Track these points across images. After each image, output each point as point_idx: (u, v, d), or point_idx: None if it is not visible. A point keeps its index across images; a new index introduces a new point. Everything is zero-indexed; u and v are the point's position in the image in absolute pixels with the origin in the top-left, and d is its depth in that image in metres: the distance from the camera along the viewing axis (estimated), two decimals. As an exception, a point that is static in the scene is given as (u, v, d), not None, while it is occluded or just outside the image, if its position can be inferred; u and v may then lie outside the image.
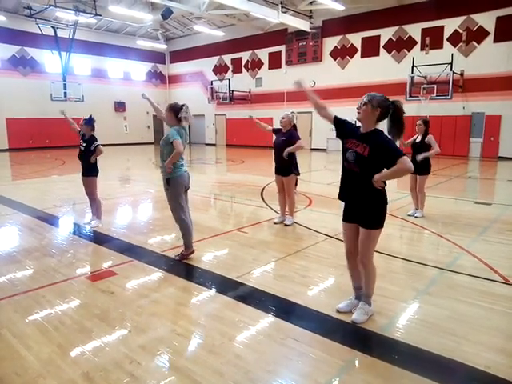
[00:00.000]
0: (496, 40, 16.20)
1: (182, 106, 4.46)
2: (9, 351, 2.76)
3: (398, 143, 2.97)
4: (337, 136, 3.20)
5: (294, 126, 8.25)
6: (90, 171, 5.98)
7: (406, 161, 2.81)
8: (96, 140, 5.91)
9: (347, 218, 3.17)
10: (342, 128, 3.16)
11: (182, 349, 2.79)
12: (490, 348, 2.79)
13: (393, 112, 2.96)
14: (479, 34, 16.57)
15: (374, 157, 2.89)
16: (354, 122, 3.21)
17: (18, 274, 4.17)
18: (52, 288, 3.79)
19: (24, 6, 19.36)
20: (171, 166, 4.27)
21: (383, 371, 2.55)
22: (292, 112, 6.06)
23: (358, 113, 3.02)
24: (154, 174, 13.41)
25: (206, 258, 4.70)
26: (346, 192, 3.14)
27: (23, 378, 2.47)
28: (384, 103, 2.95)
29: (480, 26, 16.50)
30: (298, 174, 6.14)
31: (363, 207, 3.02)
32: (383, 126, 3.04)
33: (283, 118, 5.97)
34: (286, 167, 5.97)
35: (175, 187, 4.40)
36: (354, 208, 3.10)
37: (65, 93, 22.34)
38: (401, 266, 4.47)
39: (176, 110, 4.42)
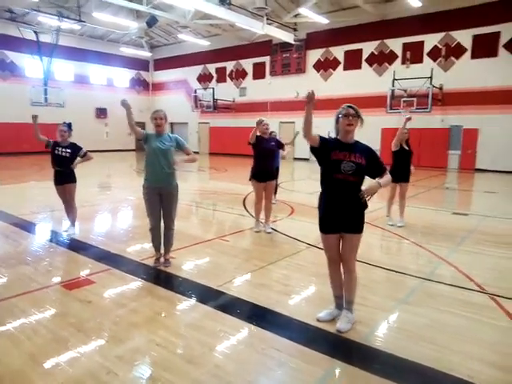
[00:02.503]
0: (473, 56, 16.75)
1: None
2: (-22, 363, 2.65)
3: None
4: (318, 152, 3.09)
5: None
6: (73, 178, 5.87)
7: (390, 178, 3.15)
8: (80, 146, 5.82)
9: (331, 229, 3.12)
10: (327, 143, 3.11)
11: (161, 359, 2.73)
12: (471, 357, 2.81)
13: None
14: (457, 50, 17.11)
15: (369, 165, 3.05)
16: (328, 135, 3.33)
17: (-10, 282, 4.03)
18: (27, 297, 3.67)
19: (5, 10, 19.03)
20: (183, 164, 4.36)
21: (364, 380, 2.54)
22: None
23: (350, 125, 3.03)
24: (134, 181, 13.23)
25: (187, 266, 4.63)
26: (335, 204, 3.08)
27: (-8, 391, 2.38)
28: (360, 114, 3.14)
29: (458, 43, 17.04)
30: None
31: (354, 214, 3.07)
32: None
33: (268, 125, 6.05)
34: (275, 171, 6.29)
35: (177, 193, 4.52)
36: (343, 217, 3.07)
37: (45, 98, 21.98)
38: (381, 276, 4.50)
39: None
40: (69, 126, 5.84)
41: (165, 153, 4.30)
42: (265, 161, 6.00)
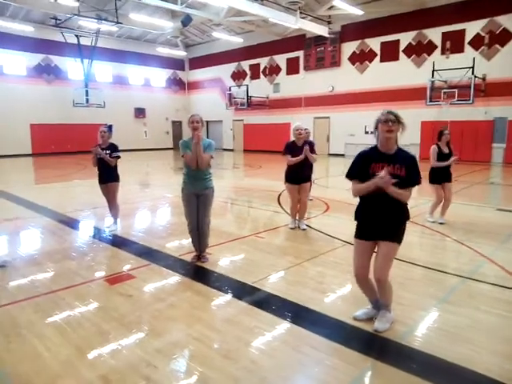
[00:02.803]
0: (521, 43, 15.84)
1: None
2: (29, 351, 2.82)
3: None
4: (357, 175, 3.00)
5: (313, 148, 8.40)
6: (115, 177, 6.10)
7: (411, 194, 2.95)
8: (117, 148, 6.02)
9: (367, 235, 3.04)
10: (363, 166, 2.97)
11: (198, 353, 2.80)
12: (510, 359, 2.70)
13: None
14: (503, 37, 16.21)
15: (408, 175, 2.88)
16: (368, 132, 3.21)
17: (38, 276, 4.27)
18: (71, 290, 3.87)
19: (50, 17, 19.99)
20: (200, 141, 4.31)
21: (400, 380, 2.50)
22: (306, 129, 6.55)
23: (390, 131, 2.84)
24: (171, 179, 13.55)
25: (223, 262, 4.71)
26: (372, 214, 3.00)
27: (42, 378, 2.52)
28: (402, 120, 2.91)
29: (504, 29, 16.14)
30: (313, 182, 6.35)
31: (392, 222, 2.97)
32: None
33: (301, 131, 5.99)
34: (308, 176, 6.29)
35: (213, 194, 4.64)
36: (380, 224, 2.98)
37: (87, 99, 22.90)
38: (420, 274, 4.39)
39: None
40: (109, 127, 6.08)
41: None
42: (297, 167, 5.92)
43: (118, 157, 6.02)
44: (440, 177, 6.43)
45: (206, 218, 4.62)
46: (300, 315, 3.40)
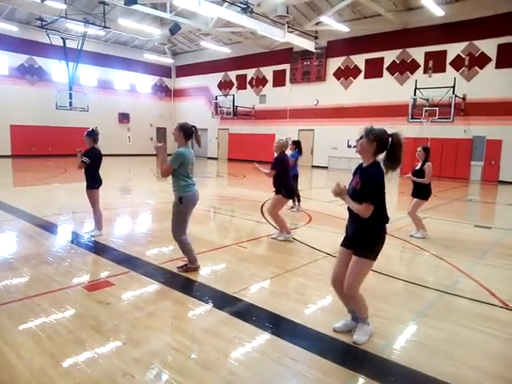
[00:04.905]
0: (498, 66, 16.43)
1: (193, 127, 4.44)
2: (0, 359, 2.72)
3: (389, 175, 3.00)
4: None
5: (299, 145, 8.50)
6: (89, 184, 5.95)
7: (367, 209, 2.87)
8: (89, 155, 5.79)
9: (344, 242, 3.19)
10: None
11: (177, 363, 2.75)
12: (489, 374, 2.75)
13: (390, 145, 2.94)
14: (481, 60, 16.81)
15: (361, 190, 2.92)
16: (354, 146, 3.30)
17: (13, 281, 4.14)
18: (48, 296, 3.76)
19: (36, 18, 19.73)
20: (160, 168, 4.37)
21: (380, 394, 2.51)
22: (287, 138, 6.43)
23: (359, 145, 3.02)
24: (154, 185, 13.44)
25: (204, 271, 4.66)
26: (349, 220, 3.15)
27: (14, 388, 2.43)
28: (380, 136, 2.93)
29: (482, 52, 16.75)
30: (286, 197, 6.16)
31: (359, 234, 3.02)
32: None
33: (276, 144, 6.20)
34: (277, 187, 6.14)
35: (186, 205, 4.41)
36: (352, 233, 3.09)
37: (70, 102, 22.56)
38: (400, 288, 4.44)
39: (186, 131, 4.39)
40: (89, 132, 5.87)
41: None
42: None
43: (84, 162, 5.69)
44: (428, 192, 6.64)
45: (172, 229, 4.50)
46: (280, 326, 3.39)
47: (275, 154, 6.21)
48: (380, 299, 3.87)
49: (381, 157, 3.01)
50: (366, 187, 2.90)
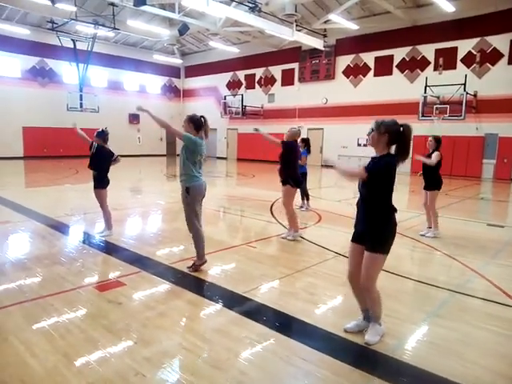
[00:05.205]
0: (510, 62, 16.17)
1: (202, 117, 4.54)
2: (15, 358, 2.76)
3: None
4: None
5: (308, 143, 8.44)
6: (97, 184, 6.03)
7: (359, 172, 2.91)
8: (103, 152, 5.99)
9: (354, 237, 3.16)
10: None
11: (187, 363, 2.77)
12: (501, 375, 2.71)
13: (401, 135, 2.94)
14: (493, 56, 16.56)
15: (371, 180, 2.90)
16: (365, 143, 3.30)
17: (27, 281, 4.21)
18: (60, 296, 3.81)
19: (47, 20, 19.99)
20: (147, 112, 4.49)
21: (391, 394, 2.49)
22: (299, 126, 6.29)
23: (368, 139, 3.05)
24: (164, 186, 13.53)
25: (214, 271, 4.68)
26: (357, 213, 3.15)
27: (28, 386, 2.47)
28: (391, 127, 2.93)
29: (494, 48, 16.50)
30: (295, 187, 6.11)
31: (369, 229, 3.01)
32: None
33: (287, 132, 6.14)
34: (283, 177, 6.07)
35: (194, 195, 4.47)
36: (361, 229, 3.09)
37: (81, 103, 22.78)
38: (411, 287, 4.41)
39: (195, 122, 4.48)
40: (98, 133, 6.00)
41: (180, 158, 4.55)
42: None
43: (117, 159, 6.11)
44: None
45: (186, 221, 4.58)
46: (291, 326, 3.39)
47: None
48: (391, 299, 3.84)
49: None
50: (371, 162, 2.94)
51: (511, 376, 2.72)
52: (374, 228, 2.98)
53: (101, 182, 6.03)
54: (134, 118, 27.50)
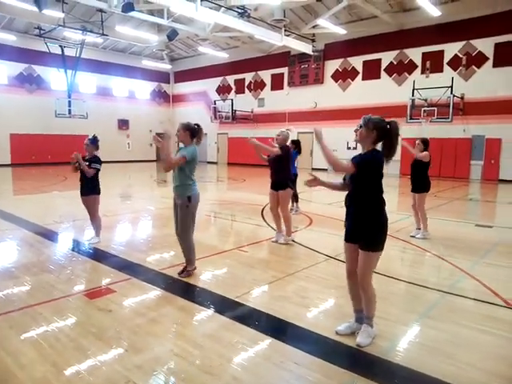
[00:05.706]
0: (495, 65, 16.48)
1: (197, 125, 4.58)
2: (1, 369, 2.71)
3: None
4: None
5: (298, 144, 8.47)
6: (93, 190, 5.96)
7: (347, 166, 2.97)
8: (98, 161, 5.88)
9: (347, 237, 3.18)
10: None
11: (179, 369, 2.74)
12: (492, 374, 2.73)
13: (388, 132, 3.00)
14: (479, 59, 16.86)
15: (359, 173, 2.96)
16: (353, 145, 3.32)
17: (15, 290, 4.13)
18: (49, 305, 3.75)
19: (34, 27, 19.85)
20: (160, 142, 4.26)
21: (383, 396, 2.49)
22: (287, 129, 6.31)
23: (356, 135, 3.09)
24: (154, 191, 13.45)
25: (205, 276, 4.66)
26: (347, 212, 3.18)
27: (16, 397, 2.43)
28: (379, 124, 3.00)
29: (479, 52, 16.80)
30: (293, 189, 6.18)
31: (359, 227, 3.04)
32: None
33: (279, 136, 6.11)
34: (282, 181, 6.04)
35: (194, 203, 4.50)
36: (350, 225, 3.13)
37: (69, 110, 22.63)
38: (402, 289, 4.43)
39: (192, 130, 4.52)
40: (92, 140, 5.92)
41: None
42: (271, 170, 6.17)
43: (97, 169, 5.83)
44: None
45: (181, 231, 4.53)
46: (283, 330, 3.38)
47: (277, 146, 6.08)
48: (382, 301, 3.84)
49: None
50: (357, 156, 2.99)
51: (503, 375, 2.74)
52: (364, 226, 3.01)
53: (97, 189, 5.99)
54: (123, 124, 27.40)
